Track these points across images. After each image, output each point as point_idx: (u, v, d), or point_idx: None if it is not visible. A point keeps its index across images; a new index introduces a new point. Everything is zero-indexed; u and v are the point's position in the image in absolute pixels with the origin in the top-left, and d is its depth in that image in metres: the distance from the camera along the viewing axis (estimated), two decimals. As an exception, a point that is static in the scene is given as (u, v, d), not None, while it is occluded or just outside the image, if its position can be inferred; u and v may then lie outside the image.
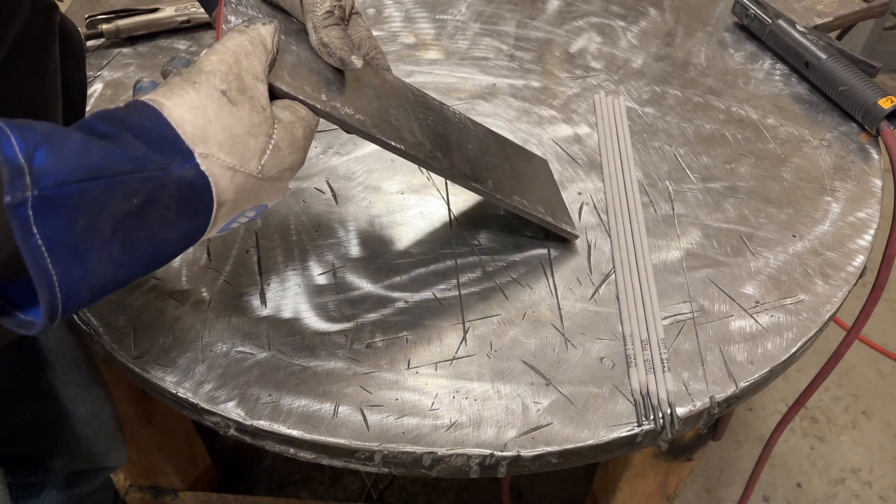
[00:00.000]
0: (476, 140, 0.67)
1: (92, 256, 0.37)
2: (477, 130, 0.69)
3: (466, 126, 0.68)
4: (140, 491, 1.15)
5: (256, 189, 0.46)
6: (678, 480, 0.91)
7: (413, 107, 0.62)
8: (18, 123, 0.35)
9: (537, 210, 0.66)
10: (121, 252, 0.39)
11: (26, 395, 0.72)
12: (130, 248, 0.39)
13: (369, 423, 0.56)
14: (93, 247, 0.37)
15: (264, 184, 0.46)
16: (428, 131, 0.61)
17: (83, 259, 0.37)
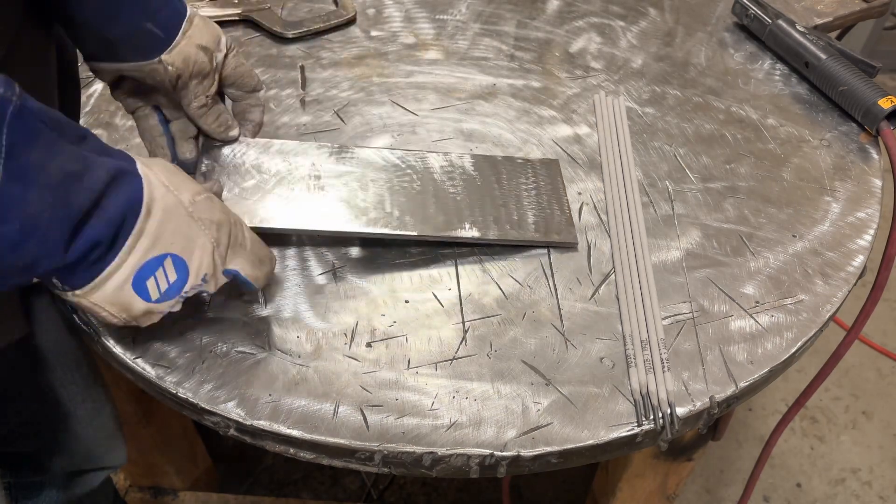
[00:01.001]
0: (462, 179, 0.72)
1: (32, 185, 0.41)
2: (463, 166, 0.73)
3: (451, 167, 0.72)
4: (140, 491, 1.15)
5: (185, 226, 0.51)
6: (678, 480, 0.91)
7: (383, 175, 0.70)
8: None
9: (527, 234, 0.68)
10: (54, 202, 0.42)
11: (26, 396, 0.72)
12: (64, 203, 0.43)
13: (369, 423, 0.56)
14: (37, 178, 0.41)
15: (192, 224, 0.51)
16: (399, 196, 0.69)
17: (26, 182, 0.41)
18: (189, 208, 0.51)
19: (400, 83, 0.86)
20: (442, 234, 0.67)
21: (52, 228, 0.43)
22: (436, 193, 0.70)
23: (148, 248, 0.49)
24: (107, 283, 0.49)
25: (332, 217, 0.66)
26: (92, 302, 0.49)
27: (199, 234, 0.52)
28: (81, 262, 0.46)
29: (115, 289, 0.49)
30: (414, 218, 0.68)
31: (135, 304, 0.51)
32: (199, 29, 0.62)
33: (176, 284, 0.52)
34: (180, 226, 0.51)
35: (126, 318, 0.52)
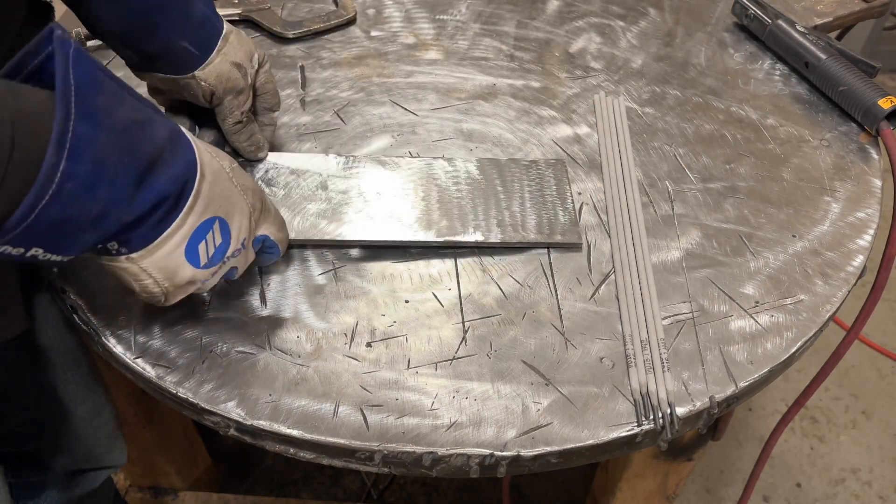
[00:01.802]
0: (467, 183, 0.73)
1: (101, 127, 0.41)
2: (468, 170, 0.74)
3: (455, 172, 0.74)
4: (140, 491, 1.15)
5: (228, 191, 0.52)
6: (678, 480, 0.91)
7: (388, 183, 0.72)
8: None
9: (530, 236, 0.69)
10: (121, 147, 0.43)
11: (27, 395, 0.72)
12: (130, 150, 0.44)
13: (369, 423, 0.56)
14: (104, 121, 0.42)
15: (234, 189, 0.53)
16: (404, 203, 0.70)
17: (95, 123, 0.41)
18: (230, 174, 0.53)
19: (400, 83, 0.86)
20: (446, 238, 0.68)
21: (119, 174, 0.43)
22: (440, 199, 0.71)
23: (203, 211, 0.50)
24: (163, 247, 0.49)
25: (337, 226, 0.67)
26: (142, 267, 0.49)
27: (239, 199, 0.54)
28: (146, 219, 0.46)
29: (168, 253, 0.49)
30: (418, 224, 0.68)
31: (181, 270, 0.51)
32: (234, 46, 0.65)
33: (220, 248, 0.53)
34: (224, 190, 0.52)
35: (166, 288, 0.52)
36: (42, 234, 0.41)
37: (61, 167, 0.39)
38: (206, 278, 0.54)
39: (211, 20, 0.63)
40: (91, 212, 0.42)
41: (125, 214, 0.45)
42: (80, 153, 0.40)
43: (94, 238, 0.45)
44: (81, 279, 0.65)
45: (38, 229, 0.40)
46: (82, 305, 0.63)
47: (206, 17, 0.63)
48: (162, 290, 0.52)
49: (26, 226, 0.39)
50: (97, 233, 0.44)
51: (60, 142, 0.39)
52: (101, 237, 0.45)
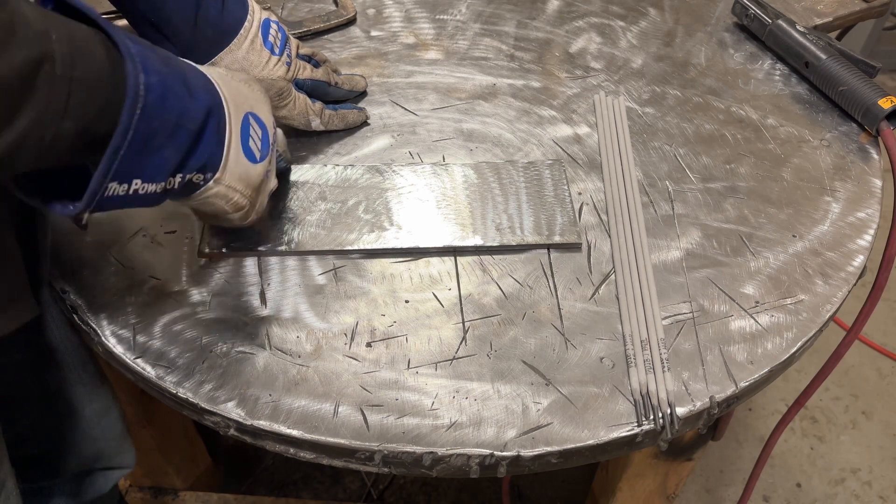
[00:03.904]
0: (464, 186, 0.73)
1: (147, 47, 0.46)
2: (465, 174, 0.75)
3: (454, 176, 0.74)
4: (140, 491, 1.15)
5: (239, 88, 0.56)
6: (678, 480, 0.91)
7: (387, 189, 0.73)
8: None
9: (529, 237, 0.69)
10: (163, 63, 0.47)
11: (34, 397, 0.72)
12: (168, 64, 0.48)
13: (369, 423, 0.56)
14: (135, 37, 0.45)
15: (241, 85, 0.57)
16: (404, 209, 0.71)
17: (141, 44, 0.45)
18: (228, 75, 0.56)
19: (400, 83, 0.86)
20: (446, 244, 0.68)
21: (174, 83, 0.47)
22: (439, 204, 0.71)
23: (236, 111, 0.54)
24: (230, 155, 0.53)
25: (337, 236, 0.68)
26: (227, 185, 0.54)
27: (249, 90, 0.58)
28: (205, 129, 0.50)
29: (235, 160, 0.54)
30: (418, 230, 0.69)
31: (251, 171, 0.56)
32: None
33: (264, 138, 0.58)
34: (237, 88, 0.56)
35: (251, 196, 0.57)
36: (138, 154, 0.44)
37: (141, 80, 0.43)
38: (267, 168, 0.58)
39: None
40: (169, 122, 0.46)
41: (191, 122, 0.48)
42: (147, 66, 0.44)
43: (174, 154, 0.48)
44: (81, 279, 0.65)
45: (133, 150, 0.43)
46: (82, 305, 0.63)
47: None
48: (248, 199, 0.57)
49: (128, 144, 0.42)
50: (176, 146, 0.47)
51: (132, 57, 0.42)
52: (180, 154, 0.48)
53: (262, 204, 0.60)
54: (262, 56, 0.68)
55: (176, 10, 0.62)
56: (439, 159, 0.77)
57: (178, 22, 0.63)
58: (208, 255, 0.67)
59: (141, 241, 0.68)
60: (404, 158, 0.77)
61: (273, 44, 0.69)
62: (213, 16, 0.64)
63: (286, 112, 0.73)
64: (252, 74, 0.68)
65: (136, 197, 0.47)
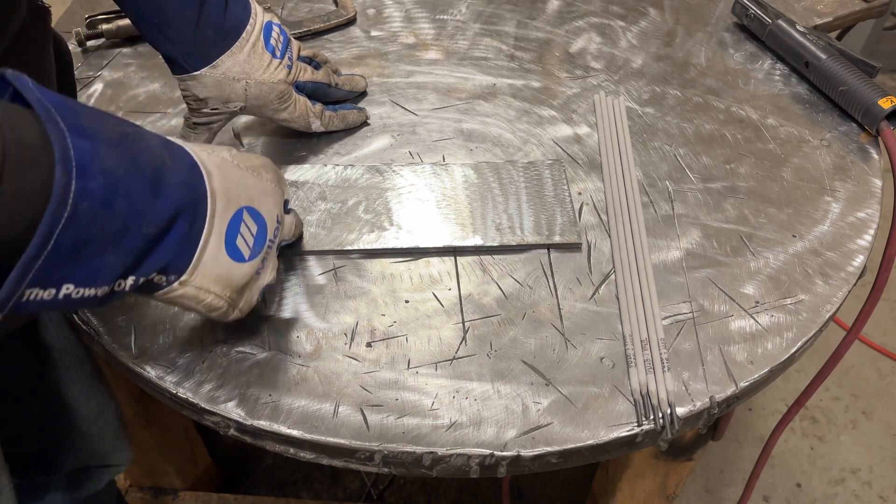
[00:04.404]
0: (464, 187, 0.73)
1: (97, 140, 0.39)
2: (465, 174, 0.75)
3: (454, 176, 0.74)
4: (140, 491, 1.15)
5: (241, 178, 0.51)
6: (678, 480, 0.91)
7: (386, 189, 0.72)
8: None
9: (529, 238, 0.69)
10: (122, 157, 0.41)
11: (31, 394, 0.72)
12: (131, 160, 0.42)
13: (369, 423, 0.56)
14: (97, 135, 0.40)
15: (245, 174, 0.52)
16: (403, 209, 0.71)
17: (90, 137, 0.39)
18: (234, 161, 0.52)
19: (400, 83, 0.86)
20: (446, 245, 0.68)
21: (131, 184, 0.41)
22: (438, 204, 0.71)
23: (225, 207, 0.49)
24: (205, 256, 0.47)
25: (338, 236, 0.68)
26: (197, 286, 0.48)
27: (256, 181, 0.53)
28: (170, 231, 0.45)
29: (213, 260, 0.48)
30: (418, 231, 0.69)
31: (234, 272, 0.50)
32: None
33: (260, 235, 0.52)
34: (238, 179, 0.51)
35: (230, 297, 0.51)
36: (65, 262, 0.39)
37: (73, 187, 0.37)
38: (258, 267, 0.53)
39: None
40: (112, 228, 0.40)
41: (147, 226, 0.43)
42: (87, 169, 0.38)
43: (121, 260, 0.42)
44: (81, 279, 0.65)
45: (60, 257, 0.38)
46: (82, 305, 0.63)
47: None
48: (226, 300, 0.51)
49: (47, 254, 0.37)
50: (123, 252, 0.42)
51: (64, 159, 0.37)
52: (130, 258, 0.43)
53: (248, 303, 0.54)
54: (264, 59, 0.68)
55: (178, 11, 0.62)
56: (439, 159, 0.77)
57: (180, 23, 0.63)
58: None
59: (141, 241, 0.68)
60: (404, 158, 0.77)
61: (275, 47, 0.69)
62: (215, 18, 0.64)
63: (287, 115, 0.73)
64: (254, 78, 0.68)
65: (69, 301, 0.40)
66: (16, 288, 0.37)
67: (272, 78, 0.69)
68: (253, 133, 0.79)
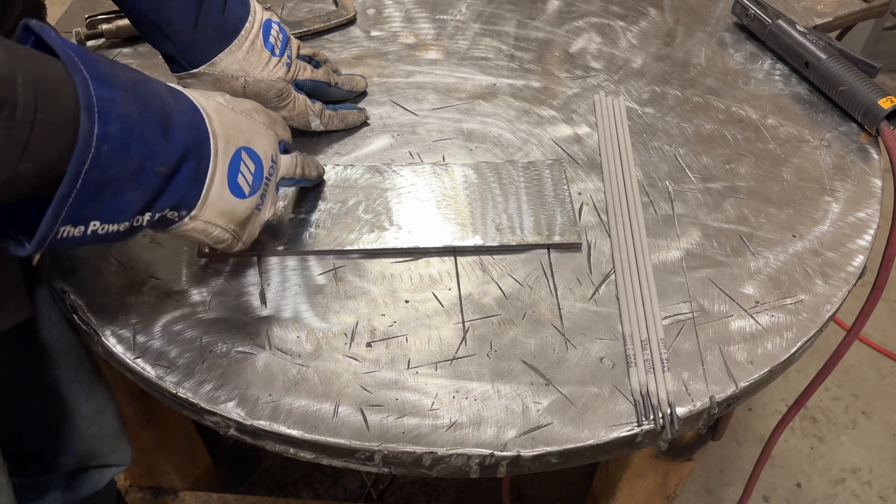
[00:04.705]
0: (464, 186, 0.73)
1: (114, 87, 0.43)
2: (465, 174, 0.75)
3: (454, 176, 0.74)
4: (140, 491, 1.15)
5: (235, 121, 0.54)
6: (678, 480, 0.91)
7: (386, 189, 0.72)
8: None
9: (529, 238, 0.69)
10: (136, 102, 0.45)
11: (30, 393, 0.72)
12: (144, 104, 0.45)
13: (369, 423, 0.56)
14: (114, 82, 0.43)
15: (239, 117, 0.55)
16: (403, 209, 0.71)
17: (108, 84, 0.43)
18: (228, 105, 0.55)
19: (400, 83, 0.86)
20: (446, 244, 0.68)
21: (145, 128, 0.45)
22: (438, 204, 0.71)
23: (225, 148, 0.52)
24: (211, 193, 0.51)
25: (337, 236, 0.68)
26: (205, 221, 0.52)
27: (249, 122, 0.56)
28: (179, 170, 0.48)
29: (218, 196, 0.52)
30: (418, 230, 0.69)
31: (237, 207, 0.54)
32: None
33: (257, 173, 0.56)
34: (233, 121, 0.54)
35: (234, 230, 0.55)
36: (91, 201, 0.43)
37: (95, 130, 0.41)
38: (258, 203, 0.57)
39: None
40: (129, 168, 0.44)
41: (160, 165, 0.46)
42: (108, 114, 0.42)
43: (139, 197, 0.46)
44: (81, 279, 0.65)
45: (86, 196, 0.42)
46: (82, 305, 0.63)
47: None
48: (230, 233, 0.55)
49: (77, 192, 0.41)
50: (140, 189, 0.46)
51: (88, 106, 0.41)
52: (146, 196, 0.47)
53: (250, 235, 0.59)
54: (263, 57, 0.68)
55: (177, 9, 0.62)
56: (439, 159, 0.77)
57: (178, 21, 0.63)
58: (208, 255, 0.67)
59: (141, 241, 0.68)
60: (404, 158, 0.77)
61: (274, 45, 0.69)
62: (214, 16, 0.64)
63: (286, 113, 0.73)
64: (252, 75, 0.68)
65: (96, 236, 0.45)
66: (52, 225, 0.42)
67: (271, 76, 0.69)
68: (253, 133, 0.79)
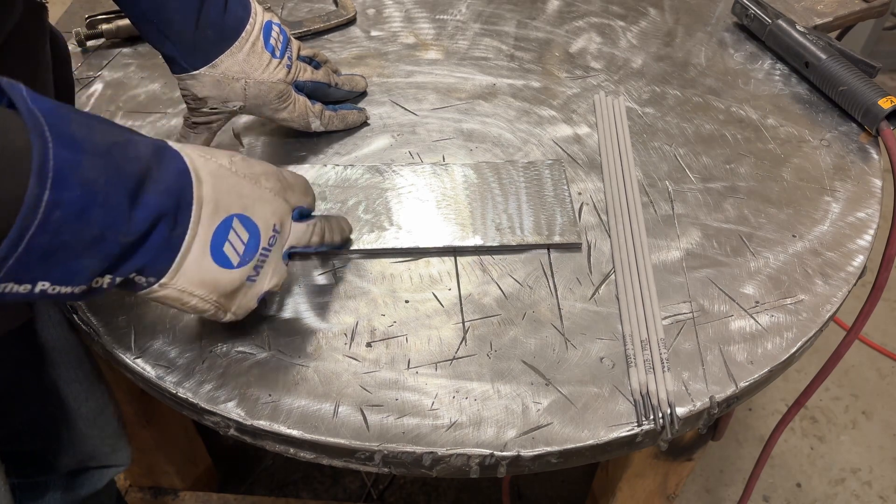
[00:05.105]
0: (464, 186, 0.73)
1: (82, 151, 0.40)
2: (465, 174, 0.74)
3: (454, 176, 0.74)
4: (140, 491, 1.15)
5: (236, 185, 0.51)
6: (678, 480, 0.91)
7: (386, 189, 0.72)
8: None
9: (529, 238, 0.69)
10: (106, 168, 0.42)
11: (29, 394, 0.72)
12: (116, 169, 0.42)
13: (369, 423, 0.56)
14: (84, 146, 0.40)
15: (242, 182, 0.51)
16: (403, 209, 0.71)
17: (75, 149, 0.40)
18: (231, 168, 0.51)
19: (400, 83, 0.86)
20: (446, 245, 0.68)
21: (110, 194, 0.41)
22: (438, 204, 0.71)
23: (212, 214, 0.49)
24: (187, 261, 0.48)
25: None
26: (180, 289, 0.48)
27: (252, 188, 0.52)
28: (149, 238, 0.45)
29: (197, 265, 0.48)
30: (418, 231, 0.69)
31: (220, 277, 0.50)
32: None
33: (251, 243, 0.52)
34: (232, 186, 0.50)
35: (216, 301, 0.51)
36: (38, 264, 0.40)
37: (45, 197, 0.38)
38: (251, 275, 0.53)
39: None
40: (86, 236, 0.41)
41: (124, 235, 0.43)
42: (65, 179, 0.39)
43: (98, 264, 0.43)
44: (81, 279, 0.65)
45: (32, 259, 0.39)
46: (82, 305, 0.63)
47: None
48: (212, 304, 0.51)
49: (17, 256, 0.38)
50: (99, 257, 0.42)
51: (40, 170, 0.38)
52: (106, 262, 0.43)
53: (242, 307, 0.54)
54: (263, 59, 0.68)
55: (177, 10, 0.62)
56: (439, 159, 0.77)
57: (179, 22, 0.63)
58: None
59: (141, 241, 0.68)
60: (404, 158, 0.77)
61: (274, 46, 0.69)
62: (214, 17, 0.64)
63: (286, 114, 0.73)
64: (253, 77, 0.68)
65: (46, 295, 0.42)
66: None
67: (271, 77, 0.69)
68: (253, 133, 0.80)
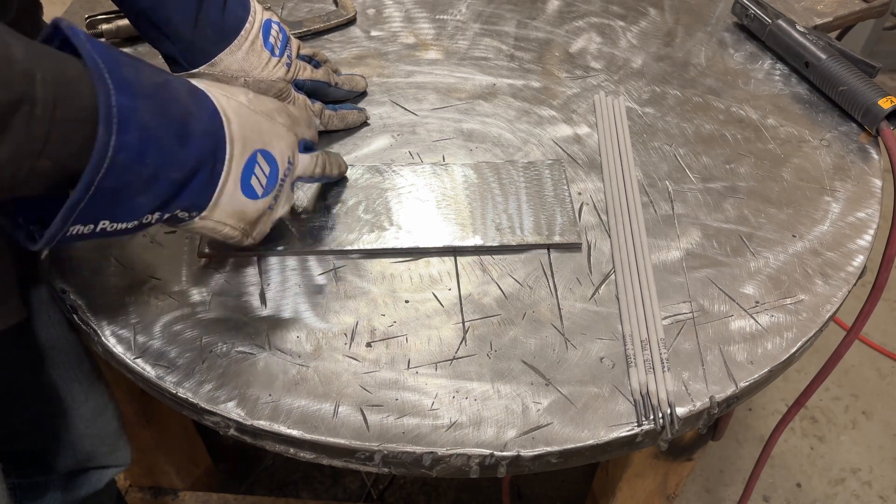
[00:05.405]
0: (464, 186, 0.73)
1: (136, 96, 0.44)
2: (465, 174, 0.75)
3: (454, 176, 0.74)
4: (140, 491, 1.15)
5: (255, 122, 0.55)
6: (678, 480, 0.91)
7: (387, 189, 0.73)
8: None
9: (529, 238, 0.69)
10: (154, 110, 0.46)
11: (29, 394, 0.72)
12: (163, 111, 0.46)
13: (369, 423, 0.56)
14: (136, 90, 0.44)
15: (260, 119, 0.56)
16: (403, 209, 0.71)
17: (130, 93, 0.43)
18: (250, 106, 0.56)
19: (400, 83, 0.86)
20: (446, 244, 0.68)
21: (163, 137, 0.46)
22: (438, 204, 0.71)
23: (242, 151, 0.53)
24: (223, 196, 0.52)
25: (338, 236, 0.68)
26: (216, 220, 0.54)
27: (269, 125, 0.57)
28: (194, 176, 0.49)
29: (230, 198, 0.53)
30: (418, 230, 0.69)
31: (248, 207, 0.56)
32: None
33: (272, 175, 0.57)
34: (254, 123, 0.55)
35: (244, 228, 0.57)
36: (104, 204, 0.44)
37: (112, 141, 0.42)
38: (271, 203, 0.58)
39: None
40: (144, 175, 0.45)
41: (176, 172, 0.47)
42: (127, 124, 0.43)
43: (151, 201, 0.47)
44: (81, 279, 0.65)
45: (99, 201, 0.43)
46: (82, 305, 0.63)
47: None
48: (240, 231, 0.57)
49: (90, 198, 0.42)
50: (153, 195, 0.47)
51: (107, 117, 0.41)
52: (159, 199, 0.48)
53: (261, 232, 0.60)
54: (262, 57, 0.68)
55: (177, 9, 0.62)
56: (439, 159, 0.77)
57: (178, 21, 0.63)
58: (208, 255, 0.67)
59: (141, 241, 0.68)
60: (404, 158, 0.77)
61: (273, 45, 0.69)
62: (214, 16, 0.64)
63: None
64: (252, 75, 0.68)
65: (104, 233, 0.47)
66: (61, 227, 0.43)
67: (271, 76, 0.69)
68: (253, 133, 0.79)
